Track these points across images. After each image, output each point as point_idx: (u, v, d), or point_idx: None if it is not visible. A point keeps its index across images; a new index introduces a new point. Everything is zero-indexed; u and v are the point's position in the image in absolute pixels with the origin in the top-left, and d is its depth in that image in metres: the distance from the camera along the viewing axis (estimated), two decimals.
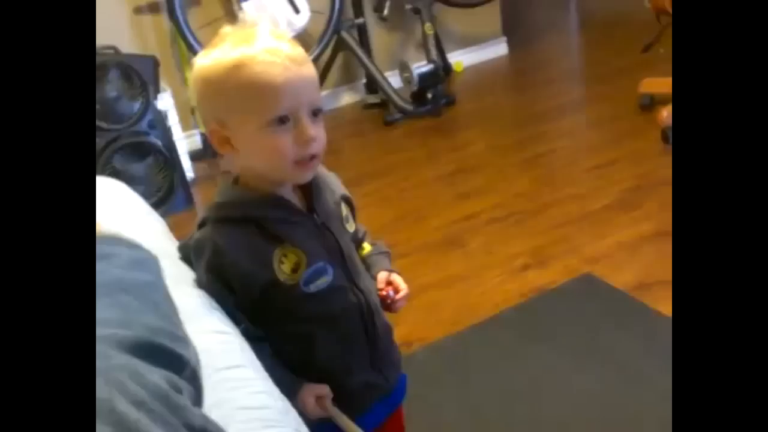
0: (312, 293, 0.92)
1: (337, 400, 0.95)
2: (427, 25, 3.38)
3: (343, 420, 0.93)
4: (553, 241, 2.13)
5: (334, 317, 0.95)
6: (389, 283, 1.03)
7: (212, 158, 3.18)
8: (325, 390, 0.94)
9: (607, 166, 2.51)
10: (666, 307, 1.75)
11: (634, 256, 1.99)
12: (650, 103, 2.80)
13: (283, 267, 0.90)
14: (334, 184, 1.01)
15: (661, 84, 2.80)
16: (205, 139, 3.23)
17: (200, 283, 0.93)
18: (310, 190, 0.95)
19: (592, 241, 2.09)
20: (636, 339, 1.67)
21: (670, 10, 2.48)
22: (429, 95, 3.25)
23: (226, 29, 0.91)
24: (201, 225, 0.93)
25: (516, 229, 2.24)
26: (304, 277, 0.91)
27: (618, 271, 1.93)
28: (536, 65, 3.71)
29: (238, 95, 0.85)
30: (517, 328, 1.79)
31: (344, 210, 1.00)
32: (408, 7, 3.45)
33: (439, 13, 3.60)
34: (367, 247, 1.07)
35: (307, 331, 0.94)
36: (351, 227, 1.01)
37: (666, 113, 2.53)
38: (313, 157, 0.89)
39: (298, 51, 0.89)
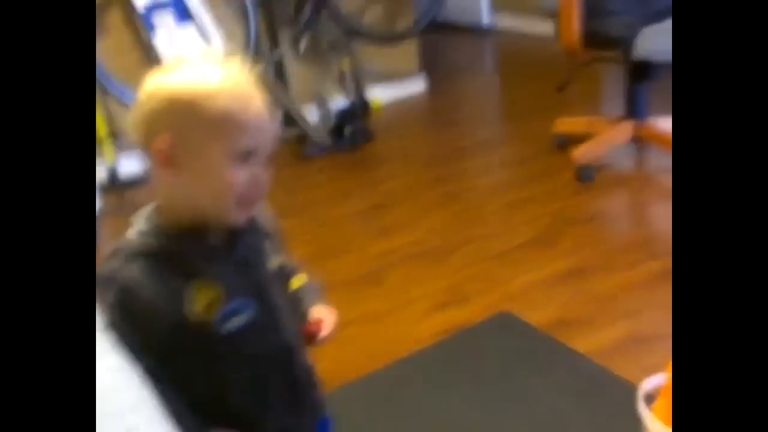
0: (227, 333, 0.87)
1: None
2: (345, 60, 3.38)
3: None
4: (470, 278, 2.12)
5: (250, 358, 0.90)
6: (317, 319, 1.01)
7: (120, 191, 3.05)
8: None
9: (523, 204, 2.53)
10: (582, 345, 1.75)
11: (551, 293, 2.00)
12: (565, 142, 2.86)
13: (196, 304, 0.86)
14: (260, 217, 0.97)
15: (575, 123, 2.87)
16: (112, 172, 3.08)
17: (105, 319, 0.85)
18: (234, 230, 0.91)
19: (510, 279, 2.08)
20: (552, 377, 1.66)
21: (582, 52, 2.56)
22: (347, 131, 3.23)
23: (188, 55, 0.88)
24: (110, 256, 0.87)
25: (434, 266, 2.22)
26: (220, 316, 0.86)
27: (535, 309, 1.93)
28: (454, 103, 3.75)
29: (215, 119, 0.83)
30: (435, 366, 1.75)
31: (267, 245, 0.96)
32: (326, 41, 3.44)
33: (357, 48, 3.61)
34: (296, 280, 1.02)
35: (220, 373, 0.89)
36: (274, 263, 0.96)
37: (579, 152, 2.58)
38: (255, 201, 0.88)
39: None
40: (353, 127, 3.24)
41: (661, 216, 2.43)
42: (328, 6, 3.39)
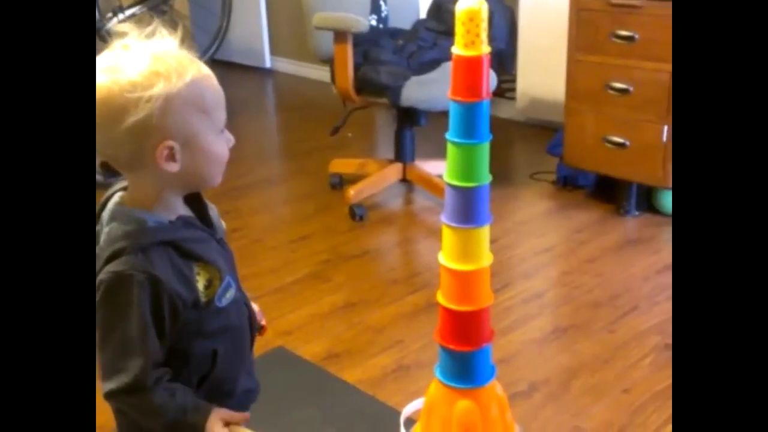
0: (222, 307, 0.96)
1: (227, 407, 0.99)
2: None
3: None
4: None
5: (234, 329, 1.01)
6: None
7: None
8: (236, 417, 0.98)
9: (300, 241, 2.61)
10: (352, 375, 1.85)
11: (324, 327, 2.08)
12: (339, 182, 2.99)
13: (198, 285, 0.94)
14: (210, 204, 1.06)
15: (348, 164, 3.02)
16: None
17: (129, 321, 0.89)
18: (202, 209, 1.01)
19: (286, 314, 2.14)
20: (322, 408, 1.73)
21: (355, 98, 2.71)
22: None
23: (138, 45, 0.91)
24: (113, 257, 0.89)
25: None
26: (218, 293, 0.96)
27: (309, 343, 1.99)
28: (234, 141, 3.77)
29: (206, 106, 0.92)
30: None
31: (224, 225, 1.07)
32: None
33: None
34: None
35: (212, 347, 0.97)
36: None
37: (353, 192, 2.72)
38: None
39: None
40: None
41: (425, 252, 2.63)
42: (101, 36, 3.29)
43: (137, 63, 0.89)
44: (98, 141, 0.88)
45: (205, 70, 0.94)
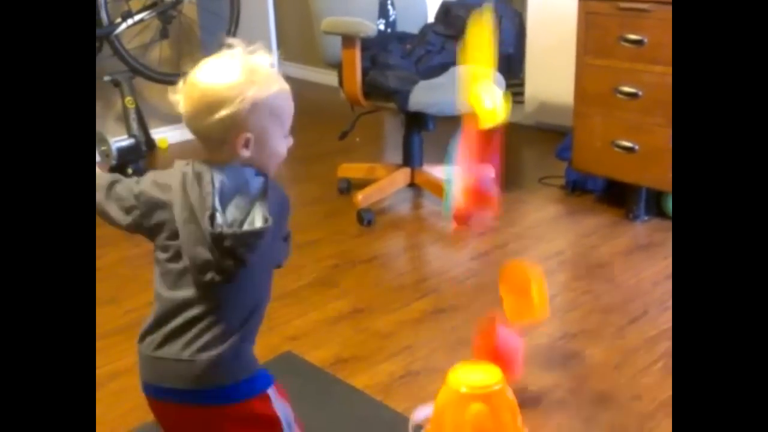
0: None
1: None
2: (128, 98, 3.29)
3: None
4: None
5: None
6: None
7: None
8: None
9: (308, 245, 2.60)
10: (360, 381, 1.84)
11: (332, 332, 2.07)
12: (347, 187, 2.99)
13: None
14: None
15: (357, 169, 3.01)
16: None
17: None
18: None
19: (293, 319, 2.13)
20: (331, 413, 1.73)
21: (363, 103, 2.71)
22: (129, 170, 3.13)
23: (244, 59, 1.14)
24: (264, 190, 1.15)
25: None
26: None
27: (317, 348, 1.99)
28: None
29: (283, 116, 1.18)
30: None
31: None
32: (107, 78, 3.32)
33: (142, 87, 3.53)
34: None
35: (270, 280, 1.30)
36: None
37: (361, 197, 2.71)
38: None
39: None
40: (136, 166, 3.15)
41: (433, 257, 2.62)
42: (110, 41, 3.30)
43: (238, 69, 1.12)
44: (194, 125, 1.14)
45: (286, 87, 1.17)
